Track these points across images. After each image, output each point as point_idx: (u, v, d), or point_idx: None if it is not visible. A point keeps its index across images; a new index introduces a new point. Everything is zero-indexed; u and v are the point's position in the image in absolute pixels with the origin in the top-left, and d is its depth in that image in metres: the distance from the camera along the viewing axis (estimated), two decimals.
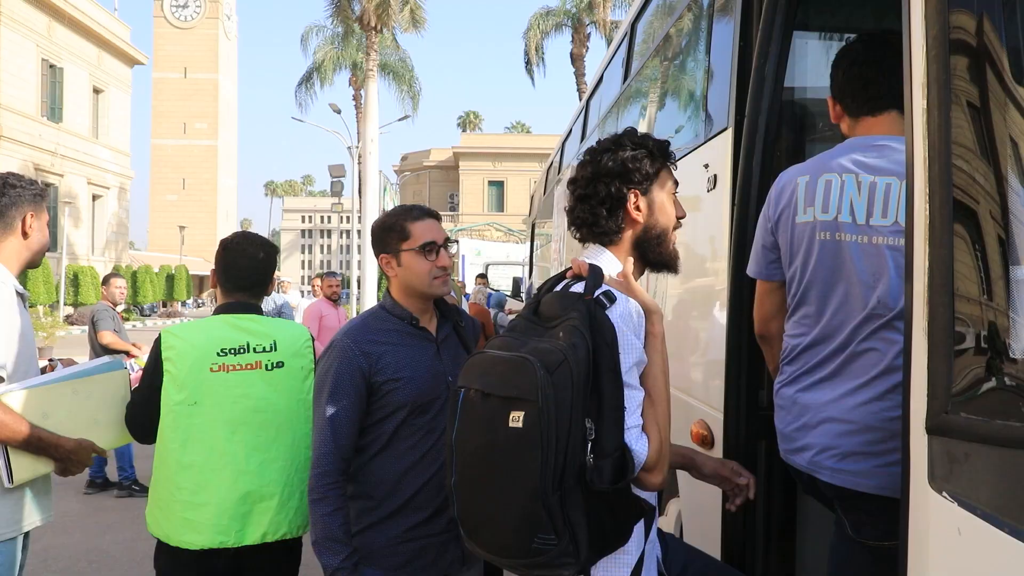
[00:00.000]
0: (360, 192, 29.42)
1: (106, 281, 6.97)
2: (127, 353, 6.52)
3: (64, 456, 2.30)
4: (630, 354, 1.64)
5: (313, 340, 2.67)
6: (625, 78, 4.61)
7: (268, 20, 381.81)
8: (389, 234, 2.25)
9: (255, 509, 2.40)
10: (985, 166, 1.21)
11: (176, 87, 75.78)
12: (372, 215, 28.64)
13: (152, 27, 76.07)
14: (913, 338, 1.34)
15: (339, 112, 27.52)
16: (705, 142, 2.83)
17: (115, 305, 6.86)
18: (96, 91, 39.45)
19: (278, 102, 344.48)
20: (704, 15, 3.06)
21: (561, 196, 7.91)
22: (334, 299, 8.26)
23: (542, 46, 33.68)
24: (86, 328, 6.99)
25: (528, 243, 13.58)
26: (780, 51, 2.18)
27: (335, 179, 29.49)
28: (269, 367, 2.48)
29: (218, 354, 2.44)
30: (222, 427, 2.41)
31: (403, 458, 2.19)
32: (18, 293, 2.35)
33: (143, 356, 6.50)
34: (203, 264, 59.87)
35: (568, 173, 7.45)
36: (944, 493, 1.25)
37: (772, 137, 2.22)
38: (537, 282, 11.11)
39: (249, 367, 2.46)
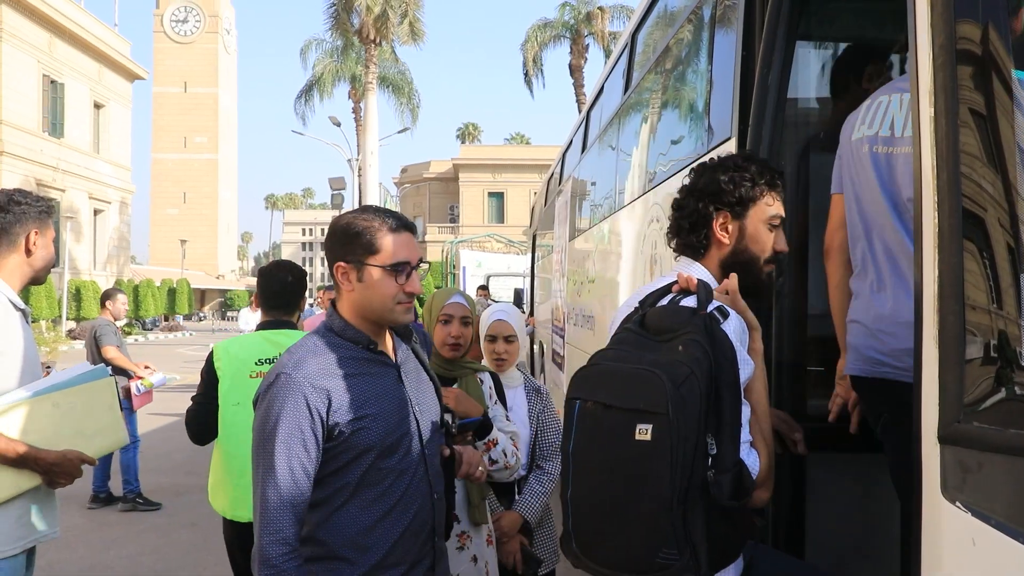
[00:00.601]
0: (360, 204, 29.48)
1: (111, 296, 6.95)
2: (130, 373, 6.53)
3: (47, 469, 2.28)
4: (743, 369, 1.62)
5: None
6: (626, 89, 4.62)
7: (267, 33, 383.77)
8: (355, 241, 1.85)
9: None
10: (993, 174, 1.21)
11: (176, 101, 76.01)
12: None
13: (152, 42, 76.38)
14: (924, 347, 1.33)
15: (339, 125, 27.59)
16: (708, 152, 2.83)
17: (116, 320, 6.86)
18: (97, 106, 39.57)
19: (278, 115, 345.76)
20: (706, 25, 3.07)
21: (563, 207, 7.91)
22: None
23: (540, 58, 33.82)
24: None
25: (529, 254, 13.58)
26: (783, 61, 2.18)
27: (335, 192, 29.52)
28: None
29: (255, 363, 3.01)
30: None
31: (371, 508, 1.84)
32: (19, 309, 2.33)
33: (150, 377, 6.57)
34: (204, 278, 59.93)
35: (569, 184, 7.46)
36: (957, 503, 1.24)
37: (776, 147, 2.22)
38: (539, 293, 11.11)
39: None
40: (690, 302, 1.69)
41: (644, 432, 1.48)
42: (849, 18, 2.78)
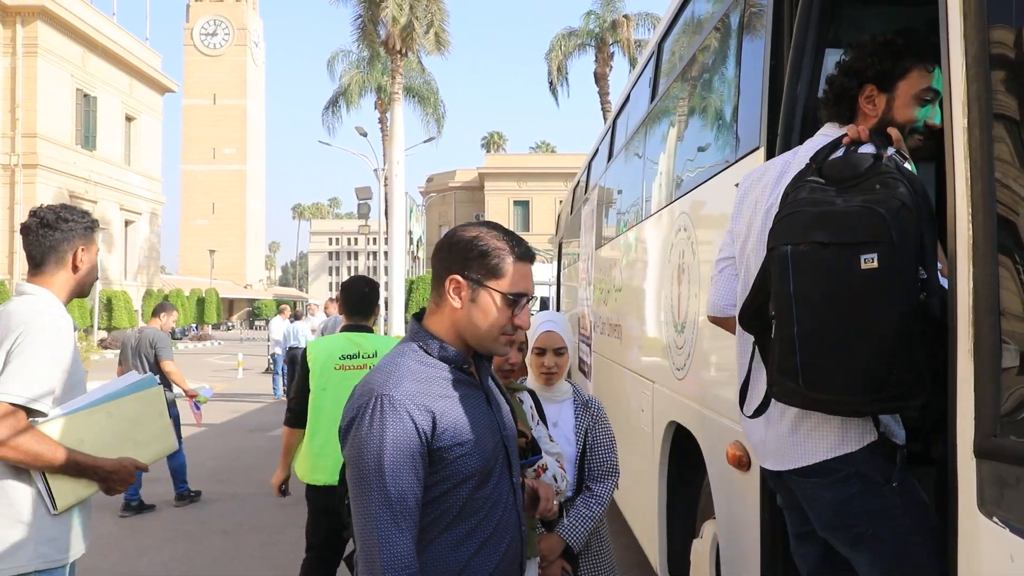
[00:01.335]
0: (387, 214, 29.60)
1: (167, 310, 7.25)
2: (186, 392, 7.00)
3: (105, 476, 2.35)
4: None
5: None
6: (653, 97, 4.61)
7: (295, 45, 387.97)
8: (480, 259, 1.74)
9: None
10: None
11: (205, 113, 77.11)
12: (398, 236, 28.82)
13: (182, 55, 77.60)
14: (958, 360, 1.32)
15: (365, 135, 27.80)
16: (736, 161, 2.81)
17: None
18: (128, 119, 40.25)
19: (305, 126, 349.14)
20: (734, 33, 3.06)
21: (589, 215, 7.90)
22: None
23: (565, 66, 33.80)
24: (119, 351, 7.21)
25: (555, 263, 13.57)
26: (812, 69, 2.17)
27: (362, 201, 29.71)
28: (372, 367, 3.09)
29: (339, 358, 3.74)
30: (341, 407, 2.92)
31: (467, 542, 1.71)
32: None
33: (202, 393, 7.21)
34: (232, 287, 60.57)
35: (595, 193, 7.45)
36: (995, 519, 1.23)
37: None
38: (565, 302, 11.10)
39: (359, 368, 3.71)
40: (867, 149, 1.76)
41: (870, 261, 1.58)
42: (879, 25, 2.75)
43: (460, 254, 1.76)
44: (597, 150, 7.70)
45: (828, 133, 1.94)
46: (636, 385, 4.56)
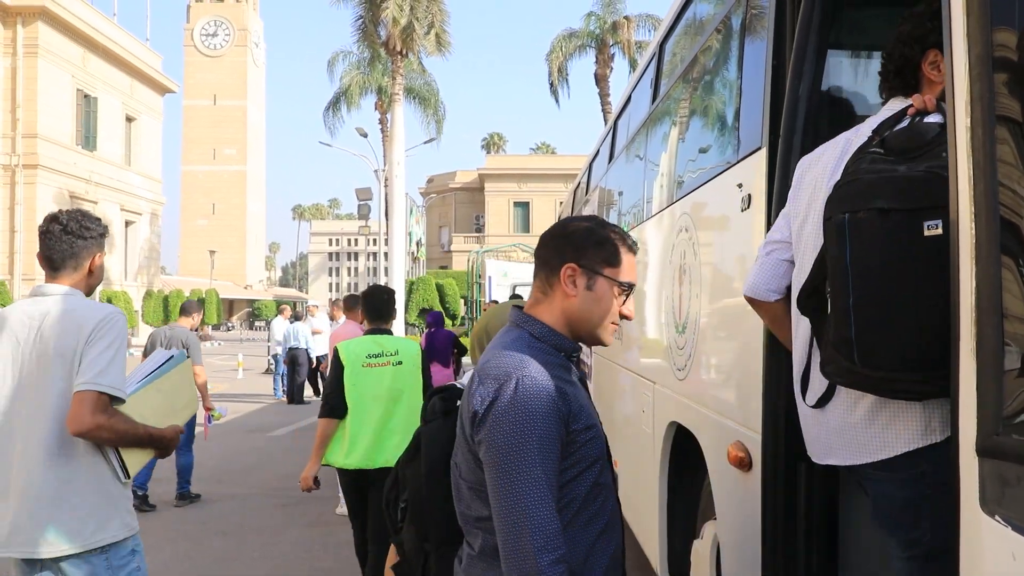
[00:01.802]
0: (387, 215, 29.61)
1: (196, 309, 7.41)
2: (204, 406, 6.98)
3: (164, 444, 2.71)
4: None
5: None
6: (654, 98, 4.62)
7: (295, 46, 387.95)
8: (599, 248, 1.77)
9: (383, 447, 4.06)
10: None
11: (206, 114, 77.16)
12: (399, 237, 28.80)
13: (183, 56, 77.66)
14: (961, 359, 1.32)
15: (366, 136, 27.82)
16: (738, 162, 2.82)
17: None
18: (129, 119, 40.28)
19: (305, 126, 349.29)
20: (736, 34, 3.06)
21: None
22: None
23: (566, 67, 33.81)
24: (146, 345, 7.37)
25: None
26: (814, 70, 2.17)
27: (362, 202, 29.74)
28: (395, 364, 4.22)
29: (367, 357, 4.20)
30: (369, 400, 4.14)
31: (590, 527, 1.69)
32: None
33: (220, 410, 7.58)
34: (232, 288, 60.57)
35: (596, 194, 7.46)
36: (997, 517, 1.23)
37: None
38: None
39: (383, 365, 4.20)
40: (935, 119, 1.71)
41: (934, 228, 1.53)
42: (882, 27, 2.76)
43: (576, 244, 1.78)
44: (598, 151, 7.71)
45: (893, 107, 1.87)
46: (637, 386, 4.57)
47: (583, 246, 1.77)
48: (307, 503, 7.28)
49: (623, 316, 1.80)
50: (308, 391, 15.33)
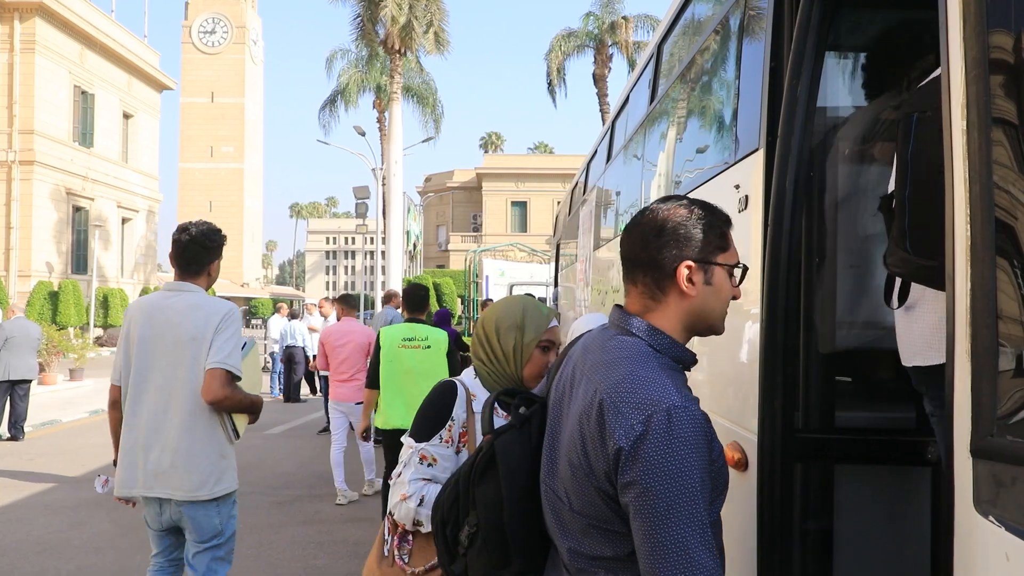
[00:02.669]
0: (384, 213, 29.61)
1: None
2: None
3: (258, 410, 3.44)
4: None
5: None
6: (652, 99, 4.62)
7: (294, 43, 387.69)
8: (705, 234, 1.56)
9: (412, 413, 4.85)
10: None
11: (203, 111, 77.01)
12: (396, 236, 28.76)
13: (180, 53, 77.50)
14: (956, 360, 1.33)
15: (364, 134, 27.79)
16: (736, 162, 2.82)
17: None
18: (126, 116, 40.19)
19: (303, 124, 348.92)
20: (734, 35, 3.07)
21: (587, 217, 7.91)
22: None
23: (564, 67, 33.87)
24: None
25: (553, 263, 13.59)
26: (812, 71, 2.18)
27: (360, 200, 29.72)
28: (424, 347, 5.46)
29: (402, 340, 5.46)
30: (401, 374, 5.39)
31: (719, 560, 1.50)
32: None
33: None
34: (229, 286, 60.44)
35: (594, 194, 7.46)
36: (991, 517, 1.24)
37: (805, 158, 2.22)
38: (562, 303, 11.10)
39: (415, 347, 5.44)
40: None
41: None
42: (879, 28, 2.77)
43: (679, 237, 1.56)
44: (596, 151, 7.72)
45: None
46: None
47: (689, 237, 1.55)
48: (303, 502, 7.28)
49: (735, 297, 1.62)
50: (305, 389, 15.31)
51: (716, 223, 1.59)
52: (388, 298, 9.41)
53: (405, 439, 2.26)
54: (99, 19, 37.09)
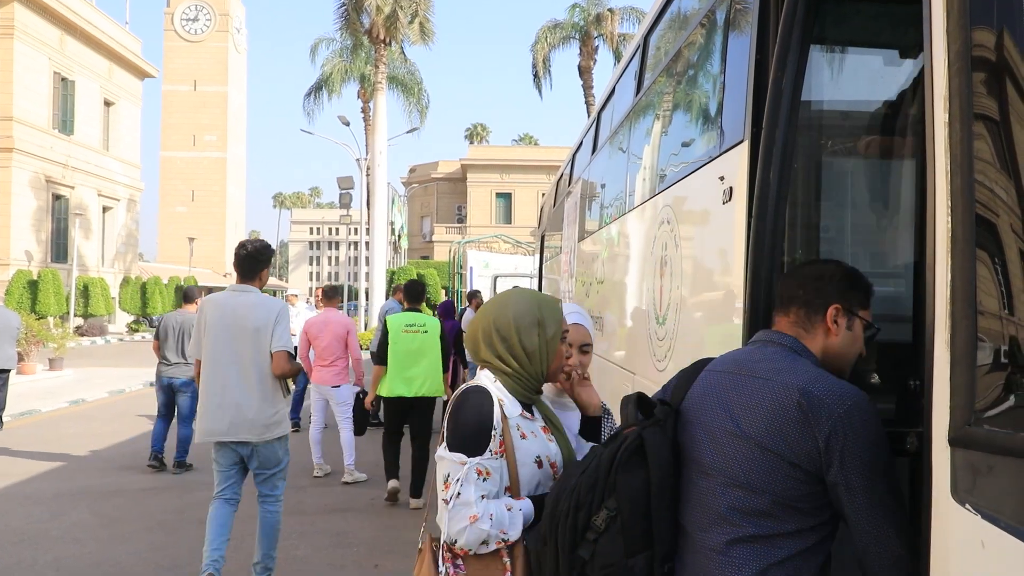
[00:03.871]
0: (368, 204, 29.49)
1: (199, 294, 8.25)
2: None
3: (300, 372, 4.98)
4: None
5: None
6: (638, 91, 4.63)
7: (278, 32, 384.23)
8: (856, 287, 1.87)
9: (411, 384, 6.70)
10: (1007, 179, 1.22)
11: (186, 100, 76.19)
12: (380, 226, 28.64)
13: (163, 40, 76.62)
14: (935, 350, 1.34)
15: (348, 124, 27.64)
16: (720, 154, 2.84)
17: None
18: (107, 104, 39.75)
19: (287, 114, 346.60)
20: (719, 28, 3.08)
21: (572, 208, 7.92)
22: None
23: (550, 59, 33.82)
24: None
25: (537, 255, 13.59)
26: (797, 64, 2.19)
27: (344, 191, 29.59)
28: (423, 332, 6.80)
29: (405, 326, 6.77)
30: (403, 354, 6.72)
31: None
32: None
33: None
34: (212, 275, 60.05)
35: (579, 186, 7.46)
36: (967, 505, 1.26)
37: (790, 150, 2.23)
38: (546, 295, 11.11)
39: (414, 332, 6.77)
40: None
41: None
42: (864, 22, 2.78)
43: (842, 284, 1.86)
44: (581, 143, 7.72)
45: None
46: (616, 377, 4.59)
47: (848, 287, 1.86)
48: (285, 492, 7.25)
49: (860, 355, 1.89)
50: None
51: (863, 285, 1.88)
52: (395, 291, 11.26)
53: (445, 453, 2.09)
54: (80, 4, 36.62)
